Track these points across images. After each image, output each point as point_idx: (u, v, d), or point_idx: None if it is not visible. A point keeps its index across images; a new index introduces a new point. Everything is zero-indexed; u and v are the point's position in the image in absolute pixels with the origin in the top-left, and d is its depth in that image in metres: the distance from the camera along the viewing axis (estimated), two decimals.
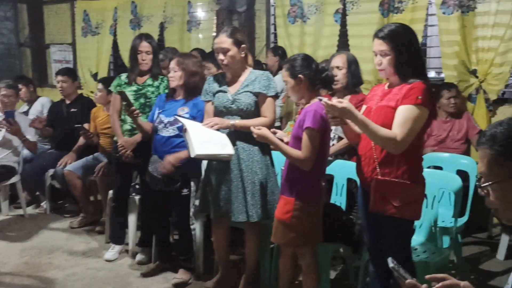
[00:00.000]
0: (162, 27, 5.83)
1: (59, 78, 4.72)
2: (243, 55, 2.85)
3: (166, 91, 3.45)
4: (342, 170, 3.05)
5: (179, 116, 2.98)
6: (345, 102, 2.13)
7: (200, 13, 5.67)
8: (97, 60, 6.48)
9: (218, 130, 2.76)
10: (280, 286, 2.77)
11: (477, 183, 1.27)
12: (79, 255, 3.75)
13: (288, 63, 2.55)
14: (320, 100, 2.18)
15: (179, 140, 3.09)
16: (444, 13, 4.09)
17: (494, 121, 4.00)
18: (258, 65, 4.77)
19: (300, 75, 2.48)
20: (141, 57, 3.45)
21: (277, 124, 3.99)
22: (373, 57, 2.26)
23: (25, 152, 4.61)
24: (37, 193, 4.92)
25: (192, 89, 3.15)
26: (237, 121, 2.78)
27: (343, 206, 3.02)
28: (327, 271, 2.77)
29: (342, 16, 4.54)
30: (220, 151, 2.64)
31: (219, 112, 2.88)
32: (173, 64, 3.15)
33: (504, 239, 3.50)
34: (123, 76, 3.58)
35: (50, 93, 6.33)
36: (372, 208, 2.22)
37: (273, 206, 2.76)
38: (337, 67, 3.16)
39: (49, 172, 4.58)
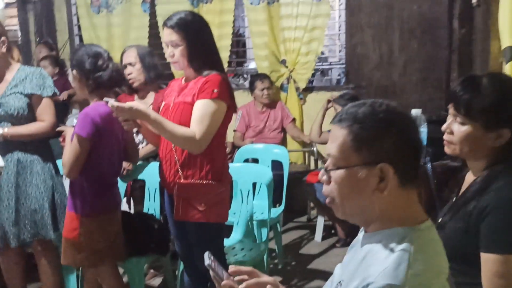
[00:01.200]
0: None
1: None
2: (4, 50, 2.35)
3: None
4: (153, 174, 2.79)
5: None
6: (133, 102, 1.87)
7: None
8: None
9: None
10: None
11: (323, 166, 1.06)
12: None
13: (71, 54, 2.20)
14: (107, 102, 1.88)
15: None
16: (251, 3, 4.09)
17: (304, 109, 4.23)
18: (56, 62, 4.26)
19: (74, 71, 2.16)
20: None
21: None
22: (164, 49, 2.04)
23: None
24: None
25: None
26: (6, 130, 2.31)
27: (158, 212, 2.78)
28: (140, 285, 2.50)
29: (151, 6, 4.27)
30: None
31: None
32: None
33: (320, 221, 3.65)
34: None
35: None
36: (177, 216, 2.02)
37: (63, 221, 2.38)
38: (130, 64, 2.84)
39: None
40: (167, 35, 2.00)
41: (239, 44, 5.12)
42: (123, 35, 4.32)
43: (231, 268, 1.16)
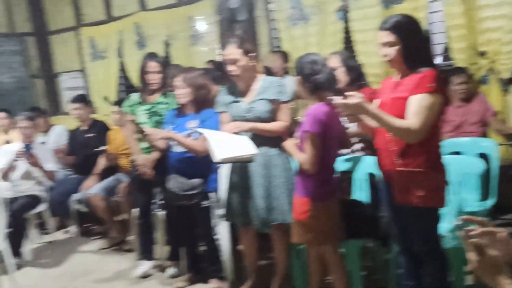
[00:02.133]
0: (167, 44, 5.91)
1: (73, 106, 4.82)
2: (253, 64, 2.89)
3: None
4: (362, 165, 3.06)
5: (194, 128, 3.03)
6: (357, 97, 2.15)
7: (202, 26, 5.74)
8: (106, 83, 6.59)
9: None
10: (311, 287, 2.79)
11: None
12: (111, 275, 3.81)
13: (296, 62, 2.61)
14: (332, 100, 2.21)
15: (193, 154, 3.15)
16: None
17: (509, 100, 4.03)
18: (268, 71, 4.83)
19: (299, 76, 2.53)
20: (150, 77, 3.51)
21: None
22: (380, 50, 2.28)
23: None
24: (64, 218, 5.02)
25: (200, 102, 3.20)
26: (255, 124, 2.83)
27: (367, 201, 3.03)
28: (356, 268, 2.79)
29: (345, 12, 4.57)
30: (242, 152, 2.67)
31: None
32: (178, 81, 3.19)
33: None
34: (134, 96, 3.65)
35: (64, 120, 6.45)
36: (397, 200, 2.24)
37: None
38: (334, 69, 3.18)
39: (73, 197, 4.67)
40: (384, 37, 2.23)
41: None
42: (319, 43, 4.71)
43: (464, 217, 1.22)
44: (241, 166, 2.95)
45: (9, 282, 3.63)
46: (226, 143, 2.69)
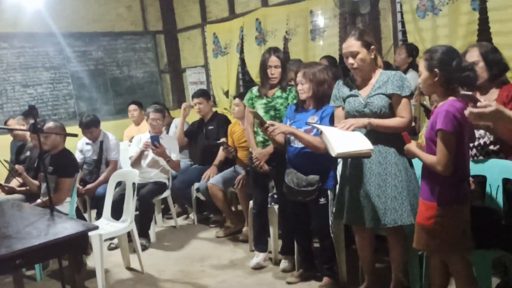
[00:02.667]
0: (285, 39, 5.95)
1: (195, 100, 5.08)
2: (372, 57, 2.78)
3: (295, 101, 3.51)
4: (496, 170, 2.78)
5: (311, 123, 2.99)
6: (492, 104, 1.94)
7: (323, 20, 5.66)
8: (227, 78, 6.84)
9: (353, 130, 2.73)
10: None
11: None
12: (227, 263, 3.96)
13: (427, 53, 2.40)
14: (464, 96, 2.01)
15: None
16: None
17: None
18: (387, 66, 4.62)
19: (436, 69, 2.33)
20: (270, 71, 3.55)
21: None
22: None
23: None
24: (185, 205, 5.34)
25: (321, 97, 3.15)
26: (373, 120, 2.71)
27: (501, 209, 2.75)
28: (487, 280, 2.54)
29: (481, 2, 4.18)
30: (359, 147, 2.58)
31: (352, 117, 2.82)
32: (299, 76, 3.17)
33: None
34: (254, 90, 3.72)
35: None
36: None
37: (416, 209, 2.62)
38: (473, 63, 2.88)
39: (194, 186, 4.94)
40: None
41: None
42: (450, 35, 4.37)
43: None
44: (355, 164, 2.85)
45: (137, 261, 3.94)
46: (343, 138, 2.62)
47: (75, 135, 3.09)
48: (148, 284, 3.70)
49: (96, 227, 2.60)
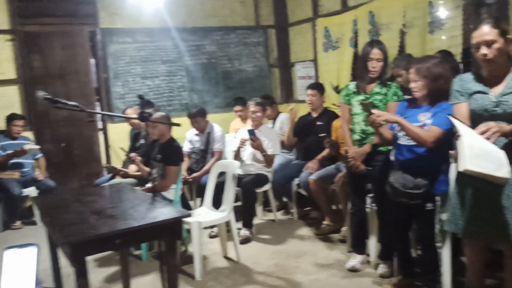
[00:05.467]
0: (402, 32, 5.62)
1: (309, 91, 5.01)
2: (508, 49, 2.41)
3: (394, 97, 3.31)
4: None
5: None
6: None
7: (443, 12, 5.24)
8: (338, 73, 6.67)
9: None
10: None
11: None
12: (322, 262, 3.86)
13: None
14: None
15: (422, 149, 2.87)
16: None
17: None
18: None
19: None
20: (372, 64, 3.35)
21: None
22: None
23: (275, 163, 5.02)
24: (285, 199, 5.32)
25: (437, 93, 2.87)
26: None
27: None
28: None
29: None
30: (495, 172, 2.21)
31: (478, 117, 2.48)
32: (412, 73, 2.93)
33: None
34: (351, 85, 3.55)
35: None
36: None
37: None
38: None
39: (295, 181, 4.89)
40: None
41: None
42: None
43: None
44: None
45: (234, 250, 4.02)
46: (482, 153, 2.22)
47: (178, 125, 3.20)
48: (242, 274, 3.75)
49: (189, 215, 2.67)
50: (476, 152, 2.21)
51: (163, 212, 2.63)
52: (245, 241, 4.40)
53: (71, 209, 2.85)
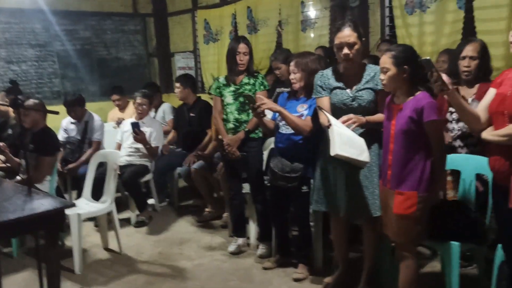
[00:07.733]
0: (277, 29, 5.95)
1: (176, 84, 5.08)
2: (362, 50, 2.78)
3: (262, 87, 3.60)
4: (470, 165, 2.84)
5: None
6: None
7: (313, 12, 5.68)
8: (218, 64, 6.82)
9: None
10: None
11: None
12: (205, 247, 3.99)
13: (391, 51, 2.43)
14: (425, 61, 2.16)
15: (299, 137, 3.14)
16: None
17: None
18: (375, 61, 4.66)
19: (405, 66, 2.38)
20: (239, 57, 3.58)
21: None
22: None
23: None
24: (167, 189, 5.34)
25: (312, 87, 3.16)
26: (367, 117, 2.69)
27: (473, 204, 2.81)
28: (454, 272, 2.60)
29: (467, 1, 4.23)
30: (359, 156, 2.55)
31: (338, 110, 2.80)
32: (292, 66, 3.18)
33: None
34: (221, 79, 3.77)
35: (175, 98, 6.81)
36: (511, 204, 2.05)
37: None
38: (470, 57, 2.93)
39: (177, 170, 4.94)
40: None
41: None
42: (436, 32, 4.42)
43: None
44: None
45: (116, 241, 3.96)
46: (348, 141, 2.55)
47: (56, 113, 3.05)
48: (126, 265, 3.72)
49: (73, 205, 2.60)
50: (344, 139, 2.53)
51: (43, 203, 2.52)
52: (139, 225, 4.59)
53: None
